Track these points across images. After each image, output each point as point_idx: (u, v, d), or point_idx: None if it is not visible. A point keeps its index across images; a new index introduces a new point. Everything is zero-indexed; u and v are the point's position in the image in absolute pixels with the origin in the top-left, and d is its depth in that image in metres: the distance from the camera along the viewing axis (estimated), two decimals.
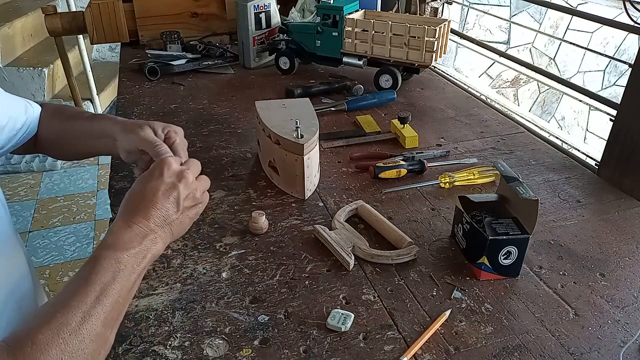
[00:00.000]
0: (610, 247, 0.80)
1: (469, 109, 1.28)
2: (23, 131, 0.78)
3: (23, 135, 0.78)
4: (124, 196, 0.59)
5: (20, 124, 0.77)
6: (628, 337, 0.64)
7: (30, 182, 2.64)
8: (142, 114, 1.22)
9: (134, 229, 0.55)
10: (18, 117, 0.76)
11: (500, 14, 4.02)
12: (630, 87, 0.95)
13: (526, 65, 1.50)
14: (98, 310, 0.49)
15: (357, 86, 1.32)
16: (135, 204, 0.58)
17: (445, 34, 1.29)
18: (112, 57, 3.64)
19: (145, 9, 1.62)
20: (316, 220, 0.84)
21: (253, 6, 1.42)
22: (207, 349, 0.61)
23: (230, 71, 1.50)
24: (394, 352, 0.61)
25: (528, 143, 1.12)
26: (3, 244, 0.67)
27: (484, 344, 0.63)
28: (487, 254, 0.71)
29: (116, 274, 0.52)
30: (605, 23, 1.16)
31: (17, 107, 0.77)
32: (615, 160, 0.98)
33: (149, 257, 0.56)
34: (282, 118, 0.91)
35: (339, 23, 1.33)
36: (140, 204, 0.57)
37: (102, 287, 0.51)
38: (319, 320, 0.65)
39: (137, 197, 0.58)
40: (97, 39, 1.58)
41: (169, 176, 0.60)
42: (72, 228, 2.32)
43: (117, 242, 0.54)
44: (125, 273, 0.53)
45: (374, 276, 0.73)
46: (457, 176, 0.94)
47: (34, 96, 2.79)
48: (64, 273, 2.06)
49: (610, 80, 4.44)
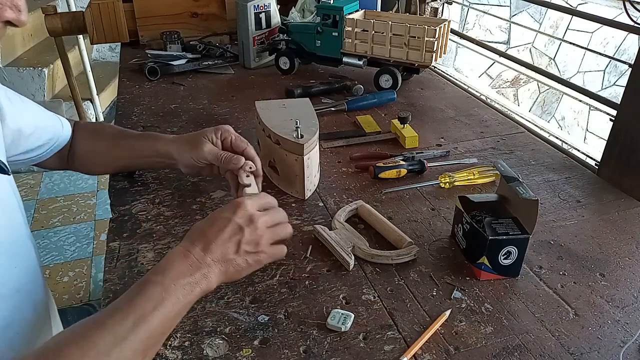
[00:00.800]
0: (610, 247, 0.80)
1: (469, 109, 1.28)
2: (51, 144, 0.82)
3: (50, 148, 0.82)
4: (123, 196, 0.59)
5: (48, 136, 0.80)
6: (628, 337, 0.64)
7: (30, 182, 2.64)
8: (142, 114, 1.22)
9: (190, 258, 0.55)
10: (46, 129, 0.80)
11: (500, 14, 4.02)
12: (630, 87, 0.95)
13: (526, 65, 1.50)
14: (132, 337, 0.48)
15: (357, 86, 1.32)
16: (198, 235, 0.58)
17: (445, 34, 1.29)
18: (112, 57, 3.63)
19: (145, 9, 1.62)
20: (316, 220, 0.84)
21: (253, 6, 1.42)
22: (207, 349, 0.61)
23: (230, 71, 1.50)
24: (394, 352, 0.61)
25: (528, 143, 1.12)
26: (19, 247, 0.67)
27: (484, 344, 0.63)
28: (487, 254, 0.71)
29: (159, 302, 0.50)
30: (605, 23, 1.16)
31: (46, 121, 0.81)
32: (615, 160, 0.98)
33: (197, 290, 0.54)
34: (282, 118, 0.91)
35: (339, 23, 1.33)
36: (203, 236, 0.57)
37: (142, 314, 0.49)
38: (319, 320, 0.65)
39: (202, 229, 0.58)
40: (97, 39, 1.58)
41: (240, 217, 0.60)
42: (72, 228, 2.32)
43: (168, 268, 0.53)
44: (169, 303, 0.51)
45: (374, 276, 0.73)
46: (457, 176, 0.94)
47: (33, 96, 2.79)
48: (64, 273, 2.06)
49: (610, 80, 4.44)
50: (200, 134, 0.80)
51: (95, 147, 0.86)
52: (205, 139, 0.78)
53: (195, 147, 0.78)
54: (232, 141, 0.79)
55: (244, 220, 0.59)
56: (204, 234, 0.58)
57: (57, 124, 0.83)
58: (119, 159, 0.86)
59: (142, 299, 0.50)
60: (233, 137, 0.80)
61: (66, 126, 0.85)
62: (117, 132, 0.88)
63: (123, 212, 0.85)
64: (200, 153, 0.77)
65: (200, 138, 0.78)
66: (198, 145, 0.78)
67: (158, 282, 0.51)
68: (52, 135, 0.82)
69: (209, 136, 0.79)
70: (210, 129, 0.80)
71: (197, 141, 0.78)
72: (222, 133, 0.80)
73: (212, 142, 0.79)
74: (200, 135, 0.79)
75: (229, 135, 0.80)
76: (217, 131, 0.80)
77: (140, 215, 0.84)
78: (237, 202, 0.61)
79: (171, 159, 0.81)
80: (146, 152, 0.83)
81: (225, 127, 0.81)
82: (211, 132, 0.79)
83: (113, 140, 0.86)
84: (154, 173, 0.96)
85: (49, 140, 0.81)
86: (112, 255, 0.75)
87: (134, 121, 1.18)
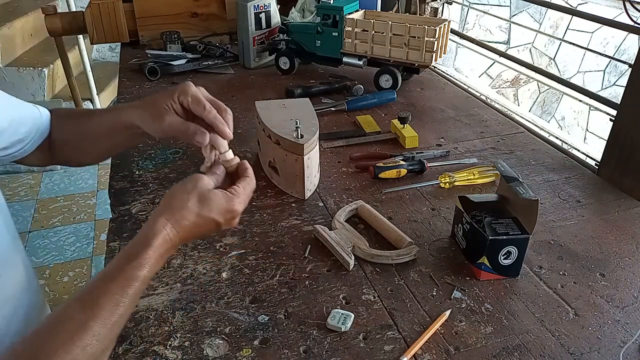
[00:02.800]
0: (610, 247, 0.80)
1: (469, 109, 1.28)
2: (31, 137, 0.74)
3: (32, 141, 0.75)
4: (123, 196, 0.59)
5: (27, 128, 0.73)
6: (628, 337, 0.64)
7: (30, 182, 2.64)
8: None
9: (171, 251, 0.56)
10: (23, 121, 0.73)
11: (500, 14, 4.02)
12: (630, 87, 0.95)
13: (526, 65, 1.50)
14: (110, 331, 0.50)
15: (357, 86, 1.32)
16: (185, 233, 0.57)
17: (445, 34, 1.29)
18: (112, 57, 3.63)
19: (145, 9, 1.62)
20: (316, 220, 0.84)
21: (253, 6, 1.42)
22: (207, 349, 0.61)
23: (230, 71, 1.50)
24: (394, 352, 0.61)
25: (528, 143, 1.12)
26: (3, 255, 0.65)
27: (484, 344, 0.63)
28: (487, 254, 0.71)
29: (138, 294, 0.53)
30: (605, 23, 1.15)
31: (22, 112, 0.74)
32: (615, 160, 0.98)
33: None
34: (282, 118, 0.91)
35: (339, 23, 1.33)
36: (190, 233, 0.58)
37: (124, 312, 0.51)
38: (319, 320, 0.65)
39: (191, 228, 0.58)
40: (97, 39, 1.58)
41: (228, 222, 0.60)
42: (72, 228, 2.32)
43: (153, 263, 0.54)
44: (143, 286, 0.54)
45: (374, 276, 0.73)
46: (457, 176, 0.94)
47: (33, 96, 2.79)
48: (64, 273, 2.06)
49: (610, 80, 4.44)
50: (159, 100, 0.67)
51: (73, 130, 0.79)
52: (167, 108, 0.66)
53: (155, 119, 0.67)
54: (190, 105, 0.66)
55: (225, 219, 0.60)
56: (190, 232, 0.58)
57: (35, 114, 0.75)
58: (97, 140, 0.78)
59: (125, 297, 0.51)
60: (189, 99, 0.65)
61: (45, 115, 0.77)
62: (87, 110, 0.83)
63: (123, 212, 0.85)
64: (161, 126, 0.66)
65: (160, 108, 0.67)
66: (158, 117, 0.66)
67: (141, 278, 0.52)
68: (31, 127, 0.74)
69: (168, 103, 0.66)
70: (169, 92, 0.67)
71: (157, 112, 0.67)
72: (179, 96, 0.66)
73: (174, 110, 0.67)
74: (160, 104, 0.67)
75: (186, 98, 0.66)
76: (173, 95, 0.66)
77: (140, 215, 0.84)
78: (231, 208, 0.60)
79: (139, 128, 0.71)
80: (118, 125, 0.73)
81: (183, 88, 0.67)
82: (169, 98, 0.66)
83: (87, 117, 0.79)
84: (154, 173, 0.96)
85: (28, 133, 0.73)
86: (112, 255, 0.75)
87: None
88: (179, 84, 0.68)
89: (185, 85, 0.67)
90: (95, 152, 0.82)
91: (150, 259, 0.53)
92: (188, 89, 0.66)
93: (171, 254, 0.57)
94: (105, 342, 0.49)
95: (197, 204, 0.57)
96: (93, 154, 0.83)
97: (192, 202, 0.57)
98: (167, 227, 0.55)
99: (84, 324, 0.47)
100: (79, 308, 0.49)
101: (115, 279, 0.51)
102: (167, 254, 0.56)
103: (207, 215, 0.58)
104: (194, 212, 0.57)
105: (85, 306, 0.49)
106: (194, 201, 0.57)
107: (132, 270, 0.52)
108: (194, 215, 0.57)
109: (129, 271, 0.52)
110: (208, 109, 0.65)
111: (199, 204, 0.57)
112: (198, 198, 0.58)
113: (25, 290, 0.69)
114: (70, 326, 0.47)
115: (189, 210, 0.57)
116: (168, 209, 0.57)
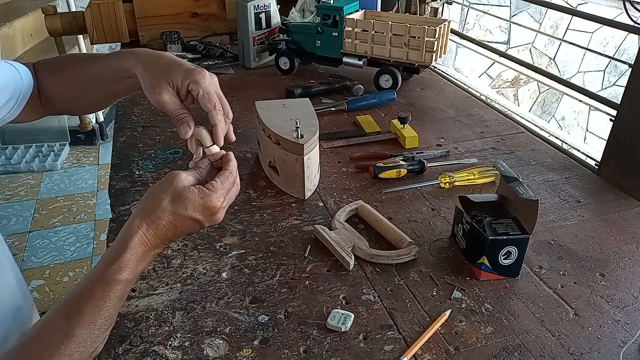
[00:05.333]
0: (610, 247, 0.80)
1: (469, 109, 1.28)
2: (15, 99, 0.70)
3: (17, 104, 0.71)
4: (123, 196, 0.59)
5: (8, 92, 0.69)
6: (628, 337, 0.64)
7: (30, 182, 2.64)
8: (142, 113, 1.22)
9: (153, 252, 0.56)
10: (2, 87, 0.68)
11: (500, 14, 4.02)
12: (630, 87, 0.95)
13: (526, 65, 1.50)
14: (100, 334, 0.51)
15: (357, 86, 1.32)
16: (164, 232, 0.56)
17: (445, 34, 1.29)
18: None
19: (145, 9, 1.62)
20: (316, 220, 0.84)
21: (253, 6, 1.42)
22: (207, 349, 0.61)
23: (230, 71, 1.50)
24: (394, 352, 0.61)
25: (528, 143, 1.12)
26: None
27: (484, 344, 0.63)
28: (487, 254, 0.71)
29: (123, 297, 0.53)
30: (605, 23, 1.15)
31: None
32: (615, 161, 0.98)
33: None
34: (282, 118, 0.91)
35: (339, 23, 1.33)
36: (170, 233, 0.57)
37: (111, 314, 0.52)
38: (319, 320, 0.65)
39: (170, 229, 0.57)
40: (97, 39, 1.58)
41: (210, 222, 0.59)
42: (72, 228, 2.32)
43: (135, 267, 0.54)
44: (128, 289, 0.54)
45: (374, 276, 0.73)
46: (457, 176, 0.94)
47: None
48: (64, 273, 2.06)
49: (610, 80, 4.44)
50: (167, 74, 0.63)
51: (71, 82, 0.74)
52: (169, 86, 0.62)
53: (153, 90, 0.63)
54: (199, 97, 0.63)
55: (208, 219, 0.59)
56: (170, 231, 0.56)
57: (14, 75, 0.70)
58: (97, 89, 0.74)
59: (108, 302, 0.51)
60: (200, 92, 0.62)
61: (24, 73, 0.72)
62: (82, 57, 0.77)
63: (123, 212, 0.85)
64: (155, 98, 0.62)
65: (162, 82, 0.63)
66: (156, 89, 0.62)
67: (122, 281, 0.52)
68: (13, 90, 0.70)
69: (175, 82, 0.62)
70: (181, 71, 0.63)
71: (158, 85, 0.63)
72: (190, 83, 0.62)
73: (177, 90, 0.63)
74: (165, 79, 0.63)
75: (197, 89, 0.62)
76: (185, 78, 0.62)
77: None
78: (208, 205, 0.58)
79: (136, 78, 0.66)
80: (117, 76, 0.70)
81: (197, 76, 0.62)
82: (179, 78, 0.62)
83: (82, 69, 0.74)
84: (154, 173, 0.96)
85: (10, 97, 0.69)
86: None
87: (134, 121, 1.18)
88: (195, 67, 0.64)
89: (201, 75, 0.63)
90: (95, 99, 0.77)
91: (128, 261, 0.52)
92: (202, 81, 0.63)
93: (155, 254, 0.56)
94: (95, 344, 0.50)
95: (172, 203, 0.56)
96: (94, 101, 0.78)
97: (166, 202, 0.56)
98: (142, 228, 0.54)
99: (69, 332, 0.48)
100: (63, 316, 0.49)
101: (96, 283, 0.51)
102: (148, 255, 0.55)
103: (183, 214, 0.56)
104: (169, 211, 0.56)
105: (69, 314, 0.49)
106: (168, 200, 0.56)
107: (112, 274, 0.51)
108: (169, 214, 0.56)
109: (109, 275, 0.51)
110: (218, 109, 0.63)
111: (173, 203, 0.56)
112: (172, 197, 0.56)
113: (14, 295, 0.69)
114: (56, 337, 0.48)
115: (164, 209, 0.56)
116: (143, 209, 0.56)
